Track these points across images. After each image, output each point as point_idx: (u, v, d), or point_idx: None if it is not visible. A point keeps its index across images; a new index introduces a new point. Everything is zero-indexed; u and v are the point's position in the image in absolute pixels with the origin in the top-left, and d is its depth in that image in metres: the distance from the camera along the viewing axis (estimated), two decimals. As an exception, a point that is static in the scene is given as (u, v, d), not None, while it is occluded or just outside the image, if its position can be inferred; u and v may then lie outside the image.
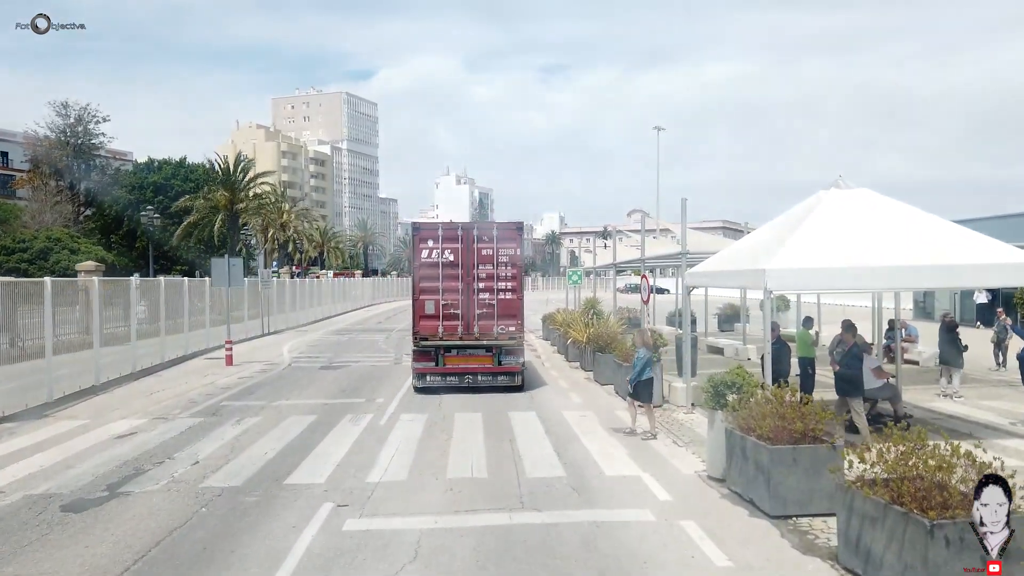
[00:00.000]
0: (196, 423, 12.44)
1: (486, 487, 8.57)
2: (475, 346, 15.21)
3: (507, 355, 15.21)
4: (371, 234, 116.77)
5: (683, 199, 13.71)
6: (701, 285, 12.90)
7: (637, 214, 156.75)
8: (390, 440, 11.01)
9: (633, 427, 11.38)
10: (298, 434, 11.50)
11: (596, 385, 16.71)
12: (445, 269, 15.20)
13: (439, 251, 15.22)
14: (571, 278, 27.58)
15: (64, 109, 60.20)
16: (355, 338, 30.33)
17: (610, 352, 16.57)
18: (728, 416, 8.35)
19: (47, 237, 48.61)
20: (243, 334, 28.16)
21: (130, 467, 9.59)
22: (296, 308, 38.27)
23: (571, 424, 12.24)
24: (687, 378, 13.24)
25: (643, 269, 19.19)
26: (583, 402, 14.45)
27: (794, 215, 11.01)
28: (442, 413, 13.31)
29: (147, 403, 14.43)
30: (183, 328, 22.50)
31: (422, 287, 15.31)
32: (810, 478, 7.30)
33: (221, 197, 53.09)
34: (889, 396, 11.33)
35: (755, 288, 10.11)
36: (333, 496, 8.24)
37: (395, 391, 15.72)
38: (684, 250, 13.85)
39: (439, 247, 15.25)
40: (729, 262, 11.45)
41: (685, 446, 10.62)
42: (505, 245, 15.31)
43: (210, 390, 16.12)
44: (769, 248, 10.25)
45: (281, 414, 13.26)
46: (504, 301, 15.20)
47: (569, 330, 20.91)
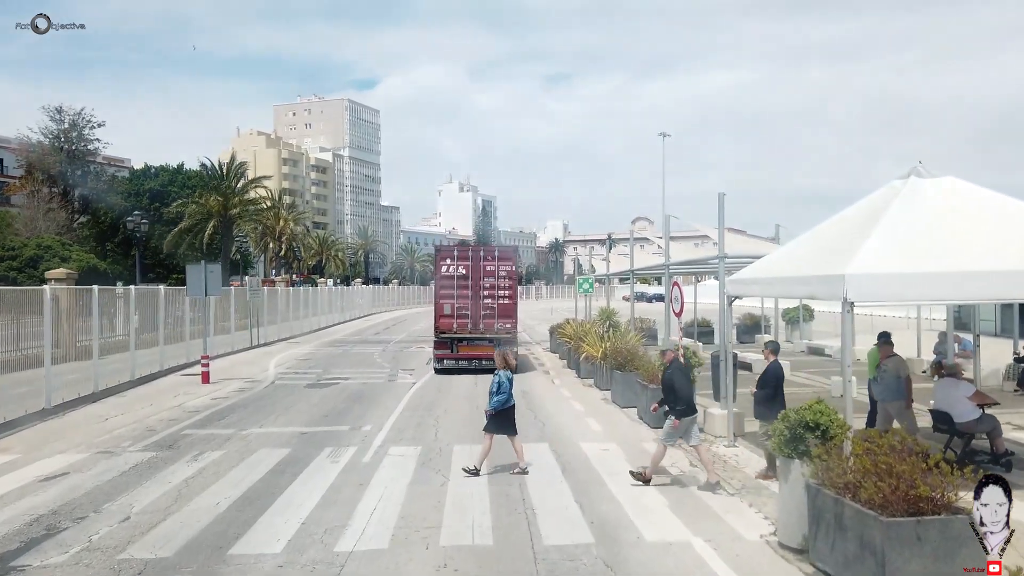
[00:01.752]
0: (145, 459, 10.43)
1: (491, 561, 6.55)
2: (480, 338, 19.41)
3: (505, 346, 17.02)
4: (372, 242, 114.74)
5: (720, 194, 11.73)
6: (748, 295, 10.88)
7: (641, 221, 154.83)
8: (373, 484, 8.99)
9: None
10: (263, 475, 9.50)
11: (615, 408, 14.69)
12: (459, 280, 19.56)
13: (454, 267, 19.68)
14: (581, 286, 25.54)
15: (58, 114, 58.63)
16: (350, 351, 28.34)
17: (631, 370, 14.59)
18: (811, 468, 6.33)
19: (37, 245, 47.05)
20: (229, 347, 26.20)
21: (42, 525, 7.59)
22: (290, 318, 36.30)
23: (592, 461, 10.22)
24: (729, 404, 11.20)
25: (667, 275, 17.16)
26: (603, 431, 12.43)
27: (865, 209, 8.99)
28: (438, 445, 11.32)
29: (96, 432, 12.42)
30: (158, 341, 20.55)
31: (441, 293, 19.84)
32: (940, 562, 5.28)
33: (214, 202, 51.14)
34: (988, 429, 9.27)
35: (827, 298, 8.11)
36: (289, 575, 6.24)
37: (386, 415, 13.73)
38: (722, 253, 11.84)
39: (454, 263, 19.73)
40: (786, 267, 9.43)
41: (738, 494, 8.59)
42: (504, 263, 19.85)
43: (175, 414, 14.12)
44: (840, 249, 8.24)
45: (249, 447, 11.25)
46: (503, 305, 19.57)
47: (582, 344, 18.89)
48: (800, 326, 26.93)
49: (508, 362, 9.90)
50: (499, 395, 9.49)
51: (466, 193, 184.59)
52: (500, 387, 9.51)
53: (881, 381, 10.33)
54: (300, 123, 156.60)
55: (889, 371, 10.21)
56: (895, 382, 10.11)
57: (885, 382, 10.24)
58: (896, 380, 10.11)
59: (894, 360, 10.32)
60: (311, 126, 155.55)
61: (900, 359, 10.43)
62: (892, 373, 10.18)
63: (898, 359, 10.39)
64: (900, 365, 10.29)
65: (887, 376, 10.21)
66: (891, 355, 10.39)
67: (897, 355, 10.51)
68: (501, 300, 19.57)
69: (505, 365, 9.78)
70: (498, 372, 9.69)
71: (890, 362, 10.29)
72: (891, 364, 10.26)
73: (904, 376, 10.17)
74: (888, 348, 10.48)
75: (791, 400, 8.92)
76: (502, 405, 9.50)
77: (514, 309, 19.72)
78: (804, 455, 6.50)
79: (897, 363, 10.29)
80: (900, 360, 10.40)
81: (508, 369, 9.78)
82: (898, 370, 10.20)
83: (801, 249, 9.62)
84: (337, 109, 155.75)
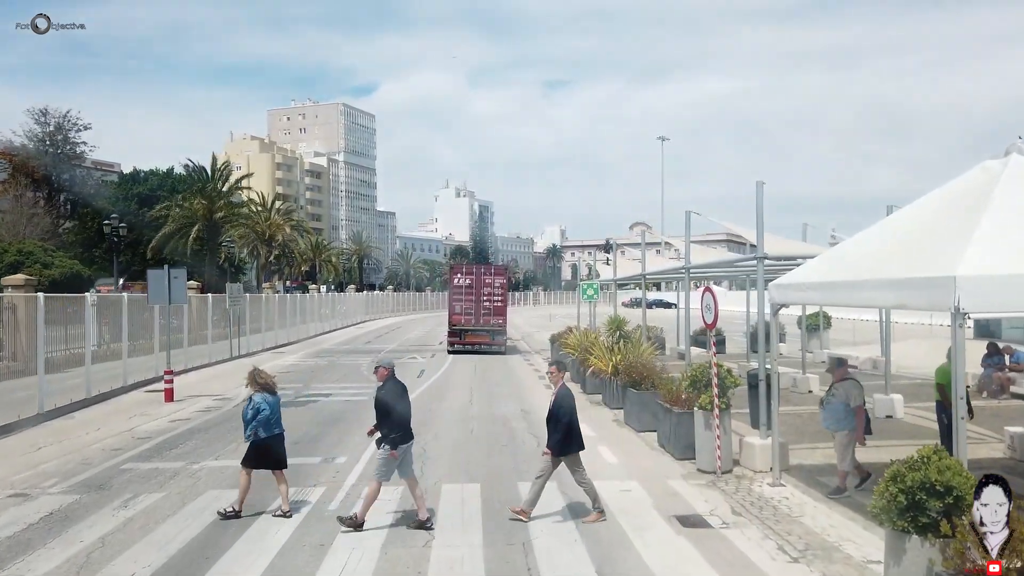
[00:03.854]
0: (64, 505, 8.52)
1: None
2: (480, 330, 27.40)
3: (497, 335, 27.55)
4: (366, 247, 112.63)
5: (759, 182, 9.89)
6: (801, 303, 9.06)
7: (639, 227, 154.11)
8: (337, 546, 7.08)
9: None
10: (202, 529, 7.60)
11: (630, 433, 12.82)
12: (465, 289, 27.72)
13: (463, 279, 28.09)
14: (585, 292, 23.68)
15: (43, 117, 56.75)
16: (337, 361, 26.43)
17: (647, 389, 12.74)
18: (938, 549, 4.47)
19: (18, 251, 45.06)
20: (204, 358, 24.26)
21: None
22: (276, 326, 34.32)
23: (612, 508, 8.32)
24: (774, 432, 9.31)
25: (687, 278, 15.28)
26: (620, 463, 10.54)
27: (958, 198, 7.14)
28: (424, 483, 9.37)
29: (19, 466, 10.48)
30: (120, 353, 18.63)
31: (453, 298, 28.25)
32: None
33: (198, 205, 49.16)
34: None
35: (923, 307, 6.31)
36: None
37: (366, 442, 11.75)
38: (761, 253, 9.98)
39: (463, 276, 28.28)
40: (854, 269, 7.55)
41: (803, 558, 6.69)
42: (498, 277, 28.81)
43: (121, 442, 12.20)
44: (938, 248, 6.42)
45: (196, 486, 9.36)
46: (496, 307, 27.70)
47: (588, 356, 17.01)
48: (820, 334, 25.07)
49: (265, 382, 8.15)
50: (255, 421, 7.94)
51: (463, 198, 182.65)
52: (259, 412, 7.92)
53: (828, 407, 8.87)
54: (295, 128, 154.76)
55: (838, 396, 8.77)
56: (843, 410, 8.68)
57: (832, 408, 8.79)
58: (845, 408, 8.68)
59: (846, 385, 8.83)
60: (306, 131, 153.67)
61: (854, 384, 8.84)
62: (841, 399, 8.72)
63: (851, 384, 8.82)
64: (852, 391, 8.72)
65: (835, 402, 8.78)
66: (844, 378, 8.93)
67: (852, 379, 8.98)
68: (495, 304, 27.83)
69: (258, 384, 8.07)
70: (253, 396, 8.06)
71: (841, 387, 8.84)
72: (841, 389, 8.81)
73: (856, 405, 8.66)
74: (842, 371, 9.02)
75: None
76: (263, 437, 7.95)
77: (504, 310, 28.32)
78: (928, 530, 4.62)
79: (849, 389, 8.77)
80: (854, 385, 8.83)
81: (267, 391, 8.07)
82: (849, 397, 8.68)
83: (871, 248, 7.76)
84: (332, 114, 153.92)
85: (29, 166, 55.55)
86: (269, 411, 8.01)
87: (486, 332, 27.19)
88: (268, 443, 8.01)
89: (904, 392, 14.47)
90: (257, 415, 7.94)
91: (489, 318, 27.51)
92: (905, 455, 5.26)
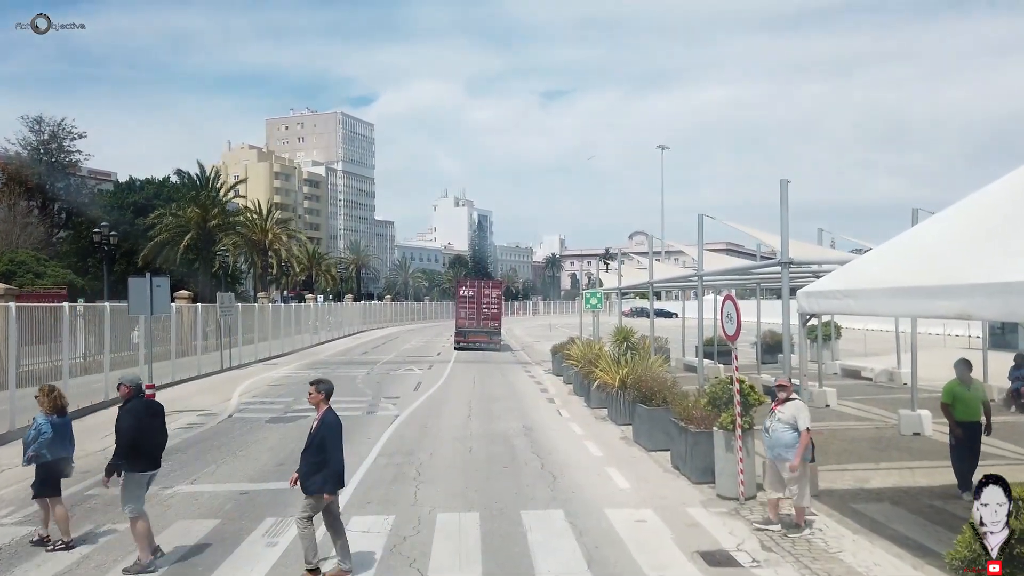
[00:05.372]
0: (14, 541, 7.64)
1: None
2: (480, 331, 34.84)
3: (494, 335, 35.05)
4: (364, 256, 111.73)
5: (783, 181, 9.08)
6: (838, 312, 8.19)
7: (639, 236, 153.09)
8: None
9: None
10: (163, 573, 6.71)
11: (640, 452, 11.93)
12: (468, 299, 35.42)
13: (467, 290, 36.07)
14: (588, 302, 22.81)
15: (37, 125, 56.05)
16: (331, 373, 25.49)
17: (659, 405, 11.88)
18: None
19: (10, 260, 44.37)
20: (193, 371, 23.38)
21: None
22: (269, 337, 33.42)
23: (624, 539, 7.46)
24: (802, 457, 8.43)
25: (700, 286, 14.40)
26: (633, 488, 9.64)
27: (1020, 192, 6.32)
28: (417, 512, 8.57)
29: (-25, 493, 9.60)
30: (102, 366, 17.75)
31: (459, 305, 35.76)
32: None
33: (192, 213, 48.33)
34: None
35: (995, 317, 5.48)
36: None
37: (355, 464, 10.89)
38: (785, 257, 9.14)
39: (467, 288, 36.34)
40: (904, 274, 6.70)
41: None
42: (495, 289, 37.03)
43: (92, 463, 11.26)
44: (1011, 249, 5.57)
45: (165, 516, 8.48)
46: (493, 313, 35.45)
47: (594, 369, 16.15)
48: (832, 344, 24.21)
49: (56, 403, 7.72)
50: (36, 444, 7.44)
51: (462, 208, 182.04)
52: (40, 434, 7.48)
53: (773, 433, 7.75)
54: (293, 137, 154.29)
55: (784, 420, 7.68)
56: (790, 435, 7.62)
57: (776, 434, 7.71)
58: (792, 433, 7.62)
59: (791, 407, 7.72)
60: (304, 140, 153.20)
61: (799, 405, 7.75)
62: (788, 422, 7.65)
63: (796, 405, 7.74)
64: (801, 413, 7.65)
65: (779, 427, 7.69)
66: (789, 400, 7.80)
67: (797, 399, 7.87)
68: (493, 311, 35.42)
69: (46, 398, 7.65)
70: (37, 417, 7.60)
71: (787, 408, 7.73)
72: (787, 411, 7.71)
73: (803, 429, 7.59)
74: (787, 390, 7.86)
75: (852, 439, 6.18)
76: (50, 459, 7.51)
77: (500, 316, 36.07)
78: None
79: (795, 410, 7.69)
80: (799, 407, 7.72)
81: (55, 412, 7.65)
82: (796, 419, 7.62)
83: (919, 251, 6.91)
84: (331, 123, 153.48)
85: (23, 175, 54.87)
86: (50, 434, 7.49)
87: (485, 333, 34.79)
88: (58, 464, 7.58)
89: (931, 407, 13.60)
90: (39, 437, 7.43)
91: (488, 322, 35.22)
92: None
